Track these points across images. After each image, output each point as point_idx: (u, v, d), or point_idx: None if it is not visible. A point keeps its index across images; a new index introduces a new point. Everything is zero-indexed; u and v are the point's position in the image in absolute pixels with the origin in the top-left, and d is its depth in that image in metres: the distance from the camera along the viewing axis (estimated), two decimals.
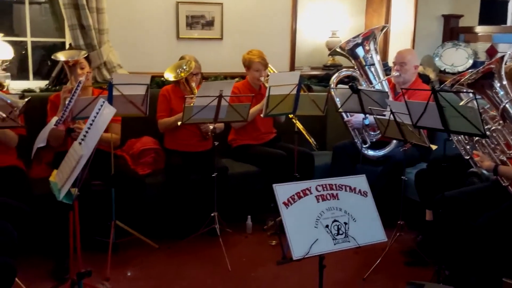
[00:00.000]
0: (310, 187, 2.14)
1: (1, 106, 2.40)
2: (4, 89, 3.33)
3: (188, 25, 4.45)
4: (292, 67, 4.86)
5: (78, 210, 2.35)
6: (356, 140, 3.86)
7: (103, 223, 3.23)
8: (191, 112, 3.12)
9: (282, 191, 2.08)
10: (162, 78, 3.98)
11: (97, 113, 1.89)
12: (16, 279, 2.45)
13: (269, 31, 4.71)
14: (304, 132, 3.73)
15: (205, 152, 3.68)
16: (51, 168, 3.22)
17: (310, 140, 3.74)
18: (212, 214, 3.38)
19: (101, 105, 1.91)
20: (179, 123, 3.27)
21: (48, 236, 3.09)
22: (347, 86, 3.49)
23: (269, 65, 3.96)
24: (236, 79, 4.25)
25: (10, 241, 2.11)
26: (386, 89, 3.76)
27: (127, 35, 4.27)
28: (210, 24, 4.52)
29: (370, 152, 3.86)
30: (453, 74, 4.88)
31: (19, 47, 4.29)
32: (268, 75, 3.77)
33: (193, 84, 3.56)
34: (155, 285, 2.94)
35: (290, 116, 3.64)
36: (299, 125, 3.69)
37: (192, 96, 3.28)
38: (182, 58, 3.70)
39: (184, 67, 3.54)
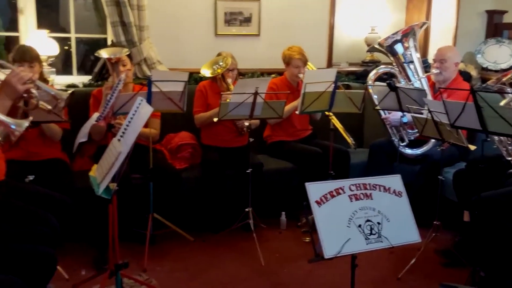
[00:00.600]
0: (343, 187, 2.14)
1: (46, 100, 2.50)
2: (49, 84, 3.46)
3: (226, 21, 4.49)
4: (330, 63, 4.84)
5: (116, 203, 2.43)
6: (393, 138, 3.81)
7: (142, 215, 3.32)
8: (227, 109, 3.16)
9: (315, 189, 2.09)
10: (200, 74, 4.04)
11: (135, 111, 1.95)
12: (59, 267, 2.58)
13: (306, 27, 4.70)
14: (342, 130, 3.71)
15: (240, 147, 3.72)
16: (93, 161, 3.34)
17: (348, 140, 3.72)
18: (247, 210, 3.42)
19: (139, 104, 1.97)
20: (215, 119, 3.32)
21: (90, 227, 3.20)
22: (385, 83, 3.45)
23: (308, 62, 3.96)
24: (273, 75, 4.28)
25: (52, 232, 2.20)
26: (425, 87, 3.70)
27: (166, 32, 4.35)
28: (247, 20, 4.55)
29: (408, 151, 3.81)
30: (496, 71, 4.74)
31: (63, 42, 4.44)
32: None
33: (229, 80, 3.60)
34: (190, 276, 3.01)
35: (327, 113, 3.63)
36: (336, 122, 3.67)
37: (228, 93, 3.32)
38: (219, 54, 3.75)
39: (221, 63, 3.58)
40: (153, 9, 4.17)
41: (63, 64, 4.78)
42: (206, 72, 3.61)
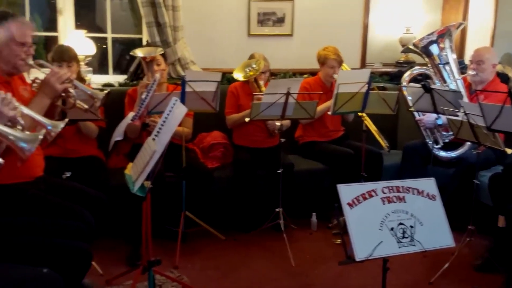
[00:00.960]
0: (375, 189, 2.12)
1: (83, 99, 2.57)
2: (86, 83, 3.55)
3: (259, 22, 4.51)
4: (363, 64, 4.79)
5: (150, 201, 2.48)
6: (427, 140, 3.75)
7: (174, 213, 3.37)
8: (259, 109, 3.17)
9: (347, 191, 2.08)
10: (233, 75, 4.07)
11: (170, 111, 1.98)
12: (93, 263, 2.64)
13: (340, 27, 4.67)
14: (375, 133, 3.67)
15: (272, 148, 3.73)
16: (128, 159, 3.41)
17: (382, 142, 3.67)
18: (277, 210, 3.42)
19: (173, 104, 2.00)
20: (247, 119, 3.34)
21: (124, 224, 3.27)
22: (419, 85, 3.40)
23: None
24: (305, 75, 4.28)
25: (88, 227, 2.26)
26: (461, 89, 3.62)
27: (200, 32, 4.40)
28: (281, 20, 4.55)
29: (442, 153, 3.74)
30: None
31: (99, 42, 4.54)
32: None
33: (261, 82, 3.61)
34: (221, 274, 3.03)
35: (360, 114, 3.60)
36: (369, 124, 3.64)
37: (260, 93, 3.33)
38: (251, 56, 3.76)
39: (253, 66, 3.60)
40: (187, 9, 4.22)
41: (99, 64, 4.89)
42: (238, 75, 3.64)
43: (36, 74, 2.53)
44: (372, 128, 3.65)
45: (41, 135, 1.44)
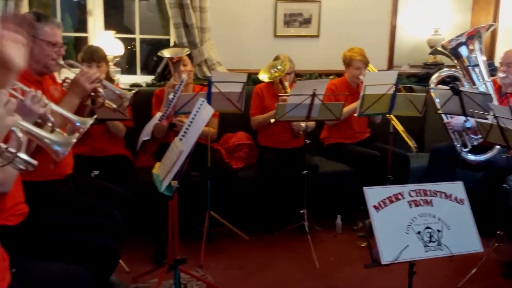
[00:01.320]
0: (402, 192, 2.10)
1: (111, 99, 2.62)
2: (114, 83, 3.60)
3: (286, 23, 4.51)
4: (391, 65, 4.75)
5: (177, 200, 2.51)
6: (456, 143, 3.69)
7: (199, 213, 3.39)
8: (284, 110, 3.18)
9: (373, 194, 2.07)
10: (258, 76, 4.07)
11: (197, 112, 2.00)
12: (120, 261, 2.69)
13: (367, 28, 4.64)
14: (403, 133, 3.64)
15: (296, 149, 3.72)
16: (155, 158, 3.45)
17: (410, 143, 3.63)
18: (302, 211, 3.42)
19: (200, 105, 2.02)
20: (272, 120, 3.35)
21: (150, 223, 3.31)
22: (448, 87, 3.35)
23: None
24: (331, 76, 4.26)
25: (116, 225, 2.30)
26: (491, 91, 3.55)
27: (226, 33, 4.42)
28: (307, 21, 4.54)
29: (471, 157, 3.68)
30: None
31: (127, 43, 4.61)
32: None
33: (287, 84, 3.61)
34: (245, 275, 3.04)
35: (388, 116, 3.57)
36: (396, 124, 3.60)
37: (286, 94, 3.33)
38: (277, 58, 3.76)
39: (279, 67, 3.60)
40: (214, 11, 4.25)
41: (127, 64, 4.96)
42: (263, 77, 3.65)
43: (67, 74, 2.59)
44: (400, 128, 3.61)
45: (75, 139, 1.48)
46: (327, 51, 4.54)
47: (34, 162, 1.39)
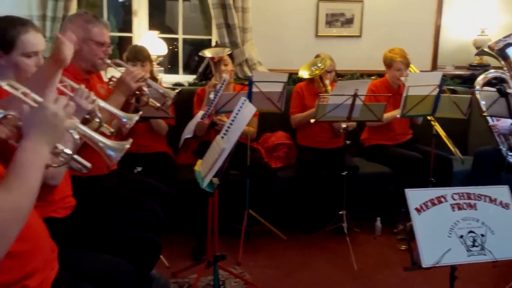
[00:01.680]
0: (445, 195, 2.06)
1: (155, 97, 2.69)
2: (158, 82, 3.68)
3: (327, 23, 4.49)
4: (434, 66, 4.65)
5: (217, 197, 2.54)
6: (501, 147, 3.58)
7: (238, 211, 3.43)
8: (325, 110, 3.17)
9: (415, 196, 2.04)
10: (298, 76, 4.07)
11: (239, 110, 2.03)
12: (161, 256, 2.74)
13: (410, 28, 4.56)
14: (446, 139, 3.56)
15: (336, 149, 3.70)
16: (195, 156, 3.51)
17: (454, 150, 3.55)
18: (340, 212, 3.40)
19: (242, 103, 2.05)
20: (312, 120, 3.34)
21: (190, 219, 3.37)
22: (494, 89, 3.25)
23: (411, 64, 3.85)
24: (373, 77, 4.21)
25: (157, 220, 2.36)
26: None
27: (267, 33, 4.44)
28: (349, 21, 4.51)
29: None
30: None
31: (170, 42, 4.70)
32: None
33: (327, 82, 3.60)
34: (282, 274, 3.05)
35: (429, 118, 3.50)
36: (438, 129, 3.53)
37: (327, 94, 3.32)
38: (317, 56, 3.76)
39: (319, 65, 3.59)
40: (256, 11, 4.27)
41: (169, 64, 5.06)
42: (304, 73, 3.65)
43: (113, 72, 2.67)
44: (442, 134, 3.53)
45: (128, 145, 1.54)
46: (369, 51, 4.49)
47: (88, 164, 1.45)
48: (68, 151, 1.38)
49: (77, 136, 1.38)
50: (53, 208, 1.96)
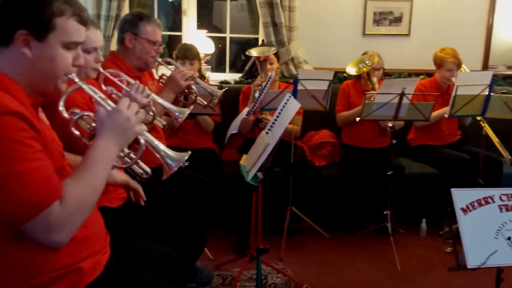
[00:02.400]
0: (493, 196, 2.02)
1: (202, 95, 2.76)
2: (205, 80, 3.78)
3: (375, 21, 4.46)
4: (485, 66, 4.53)
5: (261, 192, 2.59)
6: None
7: (281, 207, 3.46)
8: (371, 109, 3.15)
9: (461, 196, 2.01)
10: (345, 74, 4.06)
11: (283, 106, 2.06)
12: (205, 248, 2.82)
13: (461, 27, 4.47)
14: (495, 141, 3.46)
15: (381, 149, 3.67)
16: (240, 152, 3.57)
17: (503, 153, 3.45)
18: (385, 212, 3.37)
19: (287, 100, 2.08)
20: (357, 118, 3.33)
21: (234, 213, 3.43)
22: None
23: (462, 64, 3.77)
24: (421, 76, 4.15)
25: (203, 213, 2.43)
26: None
27: (314, 31, 4.45)
28: (398, 20, 4.46)
29: None
30: None
31: (217, 41, 4.79)
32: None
33: (375, 79, 3.57)
34: (324, 271, 3.07)
35: (478, 118, 3.42)
36: (488, 130, 3.44)
37: (373, 92, 3.30)
38: (365, 53, 3.73)
39: (367, 62, 3.57)
40: (303, 9, 4.30)
41: (216, 62, 5.16)
42: (351, 70, 3.63)
43: (163, 70, 2.76)
44: (492, 136, 3.43)
45: (187, 156, 1.62)
46: (417, 50, 4.43)
47: (149, 170, 1.55)
48: (133, 155, 1.48)
49: (143, 141, 1.47)
50: (107, 198, 2.05)
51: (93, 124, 1.46)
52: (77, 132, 1.44)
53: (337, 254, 3.31)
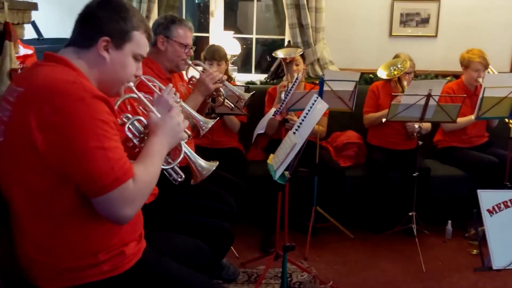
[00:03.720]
0: None
1: (230, 96, 2.82)
2: (231, 81, 3.83)
3: (402, 22, 4.45)
4: None
5: (283, 192, 2.63)
6: None
7: (305, 207, 3.49)
8: (397, 110, 3.16)
9: (487, 197, 2.01)
10: (371, 75, 4.07)
11: (311, 107, 2.10)
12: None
13: (489, 28, 4.43)
14: None
15: (408, 150, 3.67)
16: (265, 152, 3.62)
17: None
18: (410, 214, 3.37)
19: (315, 100, 2.12)
20: (383, 119, 3.34)
21: (259, 212, 3.48)
22: None
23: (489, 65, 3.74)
24: (448, 78, 4.13)
25: (230, 211, 2.48)
26: None
27: (340, 32, 4.46)
28: (425, 21, 4.44)
29: None
30: None
31: (243, 42, 4.84)
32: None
33: (405, 83, 3.56)
34: (348, 271, 3.09)
35: (506, 120, 3.39)
36: None
37: (400, 94, 3.30)
38: (396, 56, 3.72)
39: (399, 66, 3.56)
40: (329, 10, 4.32)
41: (242, 63, 5.21)
42: (382, 73, 3.62)
43: (193, 72, 2.82)
44: None
45: (215, 167, 1.81)
46: (445, 51, 4.41)
47: (183, 175, 1.69)
48: (170, 160, 1.63)
49: (184, 148, 1.63)
50: None
51: (142, 128, 1.60)
52: (130, 134, 1.57)
53: (362, 254, 3.33)
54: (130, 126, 1.56)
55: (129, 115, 1.58)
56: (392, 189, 3.60)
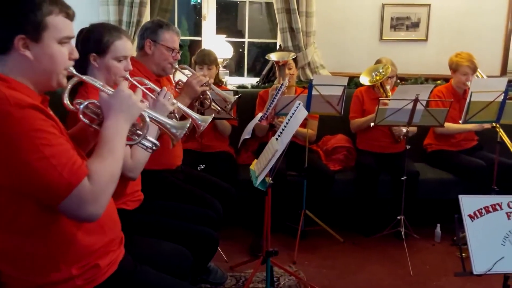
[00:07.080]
0: (501, 203, 2.04)
1: (217, 100, 2.85)
2: (222, 85, 3.85)
3: (392, 26, 4.47)
4: (504, 71, 4.50)
5: (273, 197, 2.64)
6: None
7: (295, 211, 3.51)
8: (384, 114, 3.18)
9: (469, 203, 2.05)
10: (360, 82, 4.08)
11: (293, 114, 2.12)
12: (219, 249, 2.89)
13: (478, 32, 4.46)
14: (510, 146, 3.45)
15: (397, 154, 3.69)
16: (256, 156, 3.63)
17: None
18: (399, 217, 3.39)
19: (297, 107, 2.14)
20: (371, 124, 3.36)
21: (249, 216, 3.50)
22: None
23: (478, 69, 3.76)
24: (438, 81, 4.15)
25: (217, 216, 2.50)
26: None
27: (331, 36, 4.48)
28: (415, 25, 4.46)
29: None
30: None
31: (238, 45, 4.85)
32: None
33: (388, 87, 3.59)
34: (337, 275, 3.10)
35: (494, 124, 3.41)
36: (504, 136, 3.43)
37: (387, 98, 3.33)
38: (378, 61, 3.75)
39: (380, 71, 3.59)
40: (320, 14, 4.34)
41: (235, 66, 5.23)
42: (364, 80, 3.65)
43: (179, 76, 2.85)
44: (508, 141, 3.42)
45: (188, 124, 1.71)
46: (435, 55, 4.43)
47: (158, 143, 1.64)
48: (140, 131, 1.59)
49: (146, 116, 1.57)
50: (123, 201, 2.14)
51: (98, 110, 1.55)
52: (86, 120, 1.54)
53: (351, 257, 3.34)
54: (85, 111, 1.53)
55: (81, 100, 1.55)
56: (381, 193, 3.62)
